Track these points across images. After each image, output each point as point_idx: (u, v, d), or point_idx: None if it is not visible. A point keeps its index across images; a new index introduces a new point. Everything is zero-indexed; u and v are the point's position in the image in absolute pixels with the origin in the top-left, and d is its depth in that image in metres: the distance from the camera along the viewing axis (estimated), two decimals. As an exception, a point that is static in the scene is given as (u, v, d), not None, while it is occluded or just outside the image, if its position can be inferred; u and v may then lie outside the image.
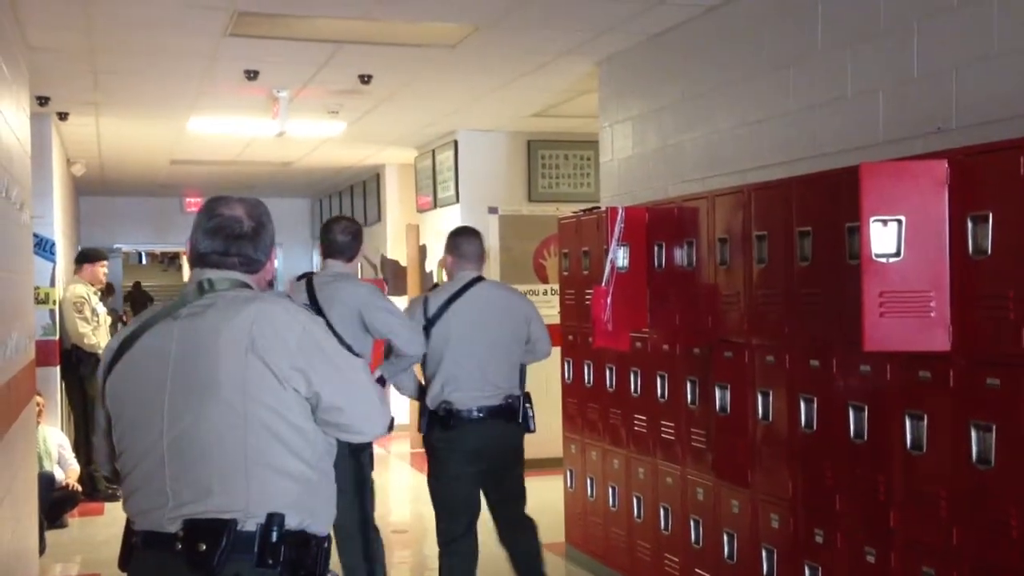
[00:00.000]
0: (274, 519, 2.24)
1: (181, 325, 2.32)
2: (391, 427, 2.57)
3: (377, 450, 10.36)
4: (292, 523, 2.27)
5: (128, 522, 2.36)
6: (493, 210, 9.02)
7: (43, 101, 7.04)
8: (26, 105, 5.53)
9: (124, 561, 2.36)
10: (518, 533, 4.81)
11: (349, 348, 2.47)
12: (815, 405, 3.97)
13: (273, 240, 2.51)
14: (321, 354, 2.34)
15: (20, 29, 5.24)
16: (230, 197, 2.49)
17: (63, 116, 7.70)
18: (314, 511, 2.34)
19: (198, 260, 2.43)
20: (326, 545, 2.38)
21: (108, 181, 12.03)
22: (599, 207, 5.78)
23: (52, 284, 7.52)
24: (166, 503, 2.26)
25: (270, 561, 2.23)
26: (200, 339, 2.28)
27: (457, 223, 9.02)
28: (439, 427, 4.59)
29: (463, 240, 4.89)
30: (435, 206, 9.61)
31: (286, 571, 2.25)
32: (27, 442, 5.10)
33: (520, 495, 4.85)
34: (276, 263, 2.61)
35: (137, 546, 2.32)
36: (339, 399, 2.34)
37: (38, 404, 6.19)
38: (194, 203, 14.11)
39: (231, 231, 2.41)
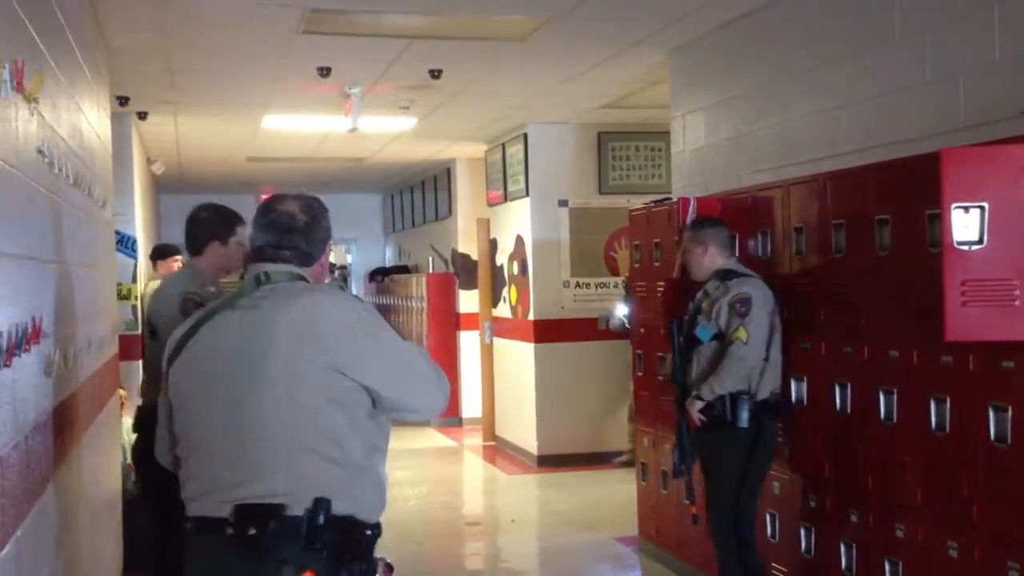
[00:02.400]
0: (320, 504, 2.30)
1: (239, 316, 2.40)
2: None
3: (449, 443, 10.48)
4: (340, 509, 2.32)
5: (184, 508, 2.44)
6: (563, 203, 9.00)
7: (123, 101, 7.21)
8: (107, 105, 5.66)
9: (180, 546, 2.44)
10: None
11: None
12: (895, 397, 3.89)
13: (328, 235, 2.59)
14: (374, 343, 2.39)
15: (100, 30, 5.37)
16: (286, 194, 2.58)
17: (142, 115, 7.88)
18: (362, 499, 2.39)
19: (255, 254, 2.53)
20: (371, 532, 2.42)
21: (187, 179, 12.28)
22: (670, 198, 5.73)
23: (134, 280, 7.71)
24: (218, 488, 2.33)
25: (317, 545, 2.29)
26: (255, 330, 2.36)
27: (527, 217, 9.06)
28: (769, 415, 4.38)
29: (725, 229, 4.59)
30: (505, 200, 9.63)
31: (332, 555, 2.31)
32: (111, 433, 5.24)
33: None
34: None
35: (190, 531, 2.40)
36: (394, 387, 2.41)
37: (121, 397, 6.35)
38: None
39: (284, 225, 2.51)
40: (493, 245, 10.10)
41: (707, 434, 4.43)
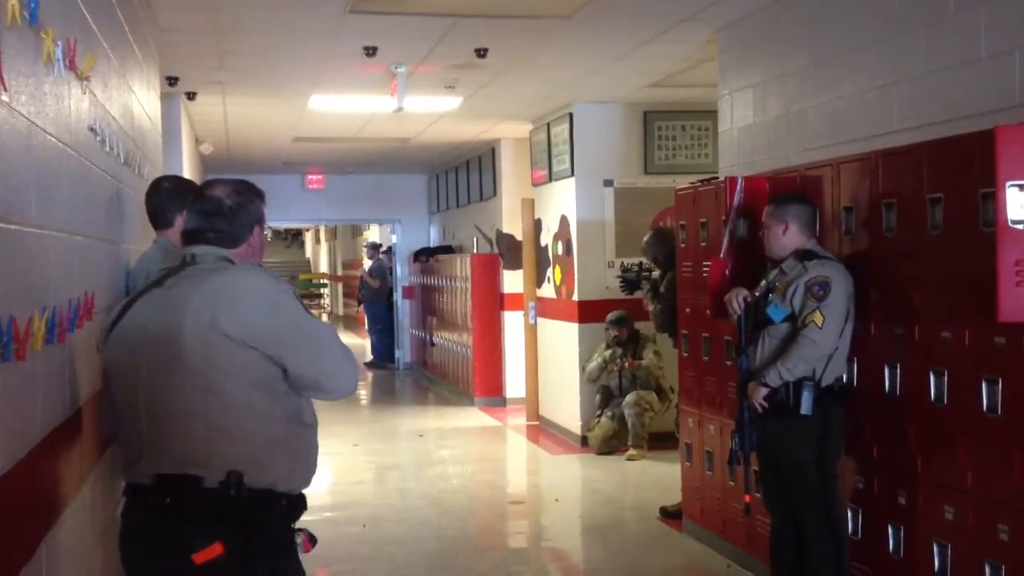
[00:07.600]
0: (232, 476, 2.40)
1: (161, 295, 2.52)
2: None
3: (493, 422, 10.51)
4: (254, 481, 2.42)
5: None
6: (608, 182, 8.96)
7: (172, 81, 7.28)
8: (156, 85, 5.73)
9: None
10: None
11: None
12: (945, 379, 3.84)
13: (256, 218, 2.68)
14: (285, 319, 2.48)
15: (151, 11, 5.42)
16: (220, 179, 2.71)
17: (191, 96, 7.95)
18: (280, 471, 2.48)
19: (184, 237, 2.67)
20: (288, 504, 2.52)
21: (234, 159, 12.39)
22: (717, 177, 5.69)
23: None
24: (143, 458, 2.46)
25: (228, 516, 2.39)
26: (171, 308, 2.45)
27: (572, 197, 9.03)
28: (833, 402, 4.24)
29: (809, 208, 4.46)
30: (550, 180, 9.60)
31: (243, 526, 2.41)
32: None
33: None
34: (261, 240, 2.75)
35: (126, 495, 2.55)
36: (306, 366, 2.49)
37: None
38: (315, 180, 14.41)
39: (209, 210, 2.63)
40: (538, 225, 10.09)
41: (771, 422, 4.28)
